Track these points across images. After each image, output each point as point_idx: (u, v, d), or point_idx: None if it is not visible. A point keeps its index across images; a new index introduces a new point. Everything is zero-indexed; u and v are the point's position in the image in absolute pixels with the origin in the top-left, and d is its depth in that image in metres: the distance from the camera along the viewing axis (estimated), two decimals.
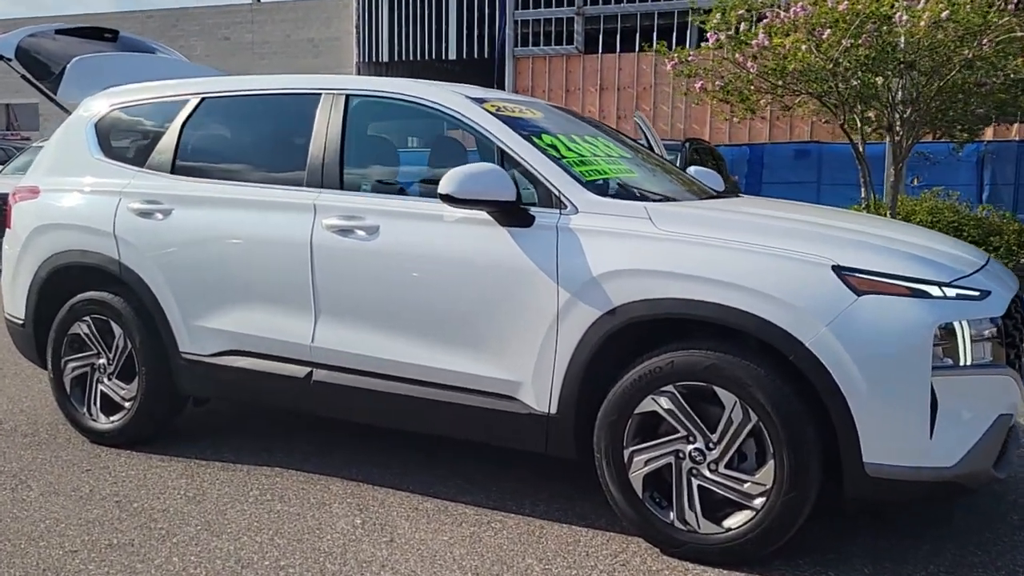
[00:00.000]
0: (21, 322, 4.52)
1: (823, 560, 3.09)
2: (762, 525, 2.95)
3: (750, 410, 2.94)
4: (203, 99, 4.23)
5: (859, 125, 9.33)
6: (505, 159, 3.46)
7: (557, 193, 3.33)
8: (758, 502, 2.96)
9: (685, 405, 3.05)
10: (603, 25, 25.17)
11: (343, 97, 3.86)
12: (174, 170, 4.18)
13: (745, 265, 2.97)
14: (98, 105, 4.54)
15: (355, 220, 3.62)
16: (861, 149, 9.40)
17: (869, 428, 2.80)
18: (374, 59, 24.42)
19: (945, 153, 13.49)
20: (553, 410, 3.27)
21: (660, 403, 3.08)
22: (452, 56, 24.29)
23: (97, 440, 4.32)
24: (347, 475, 3.91)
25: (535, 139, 3.52)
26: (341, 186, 3.76)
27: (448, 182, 3.27)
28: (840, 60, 8.16)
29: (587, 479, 3.44)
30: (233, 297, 3.91)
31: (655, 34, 26.73)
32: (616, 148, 4.08)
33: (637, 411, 3.12)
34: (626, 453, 3.15)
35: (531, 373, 3.29)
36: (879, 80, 8.14)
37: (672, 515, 3.10)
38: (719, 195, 4.09)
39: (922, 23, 7.87)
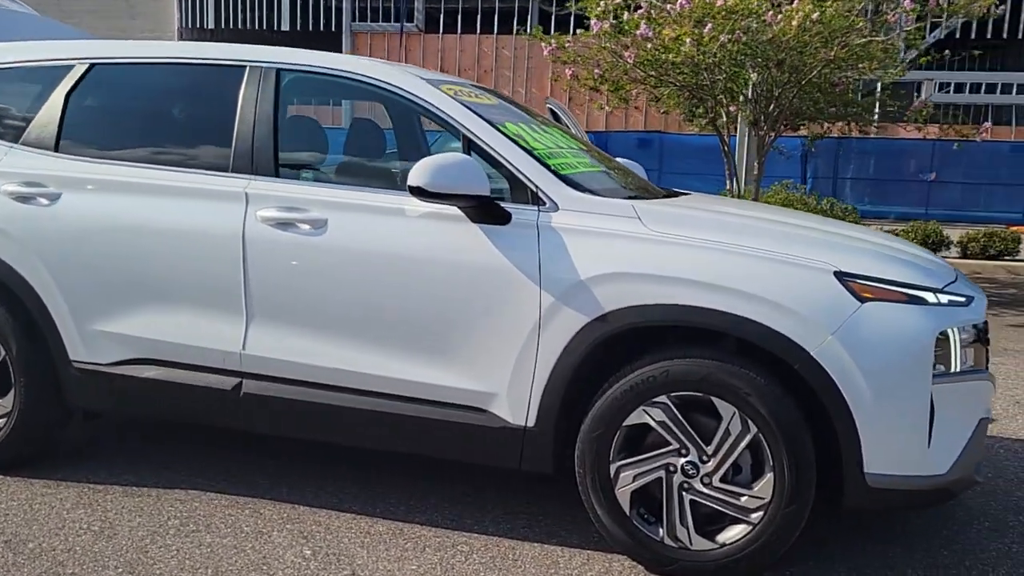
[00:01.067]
0: None
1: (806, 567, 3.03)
2: (760, 539, 2.84)
3: (749, 421, 2.81)
4: (92, 65, 3.63)
5: (724, 119, 9.58)
6: (472, 149, 3.16)
7: (534, 188, 3.07)
8: (755, 516, 2.85)
9: (679, 416, 2.89)
10: (444, 5, 24.87)
11: (273, 71, 3.41)
12: (58, 148, 3.57)
13: (747, 270, 2.83)
14: None
15: (297, 212, 3.21)
16: (727, 141, 9.66)
17: (872, 438, 2.75)
18: (198, 24, 22.90)
19: (793, 148, 14.19)
20: (531, 423, 3.02)
21: (652, 415, 2.90)
22: (285, 27, 23.23)
23: None
24: (276, 496, 3.50)
25: (500, 128, 3.24)
26: (276, 173, 3.33)
27: (420, 174, 2.93)
28: (716, 54, 8.30)
29: (539, 489, 3.24)
30: (140, 298, 3.39)
31: (496, 16, 26.73)
32: (571, 140, 3.85)
33: (626, 423, 2.93)
34: (612, 468, 2.96)
35: (506, 383, 3.02)
36: (754, 76, 8.33)
37: (662, 531, 2.94)
38: (672, 192, 3.95)
39: (794, 23, 8.11)
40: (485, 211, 3.01)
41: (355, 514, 3.36)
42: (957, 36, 17.69)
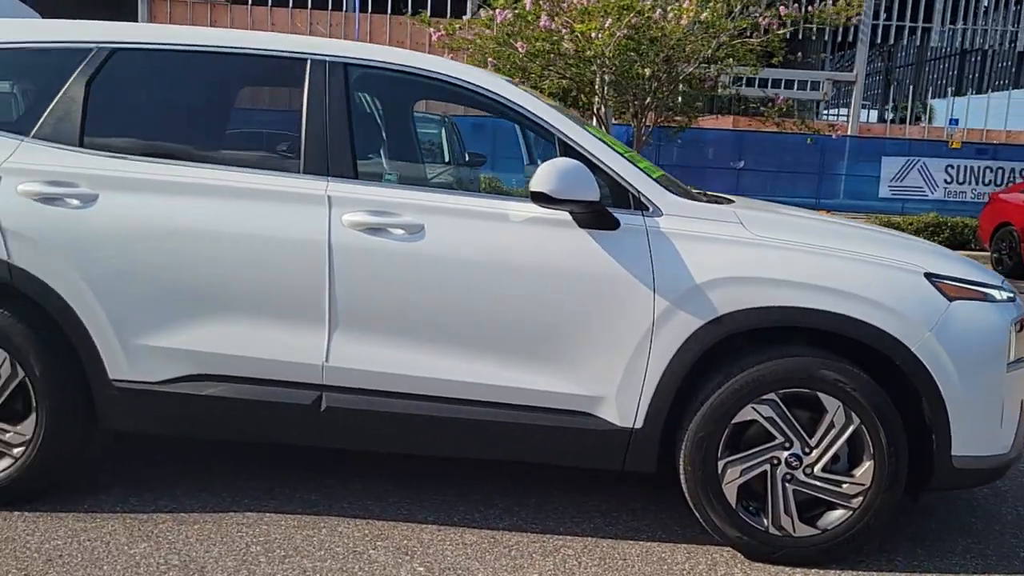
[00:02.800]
0: None
1: None
2: (860, 522, 3.06)
3: (853, 414, 3.01)
4: (115, 50, 3.26)
5: (603, 110, 9.89)
6: (567, 154, 3.13)
7: (636, 194, 3.10)
8: (856, 501, 3.06)
9: (786, 412, 3.04)
10: None
11: (340, 66, 3.21)
12: (84, 143, 3.19)
13: (853, 273, 3.02)
14: None
15: (388, 217, 3.06)
16: (608, 132, 9.99)
17: (959, 424, 3.03)
18: None
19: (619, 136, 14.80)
20: (638, 425, 3.08)
21: (760, 411, 3.04)
22: None
23: None
24: (344, 512, 3.34)
25: (591, 132, 3.24)
26: (356, 175, 3.15)
27: (544, 179, 2.89)
28: (611, 48, 8.55)
29: (600, 488, 3.32)
30: (200, 308, 3.11)
31: None
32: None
33: (734, 421, 3.05)
34: (720, 464, 3.07)
35: (616, 387, 3.06)
36: (647, 71, 8.66)
37: (766, 522, 3.10)
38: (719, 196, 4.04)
39: (683, 21, 8.50)
40: (597, 217, 3.02)
41: (440, 525, 3.28)
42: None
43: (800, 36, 21.12)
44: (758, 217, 3.25)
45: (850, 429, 3.03)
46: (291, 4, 27.84)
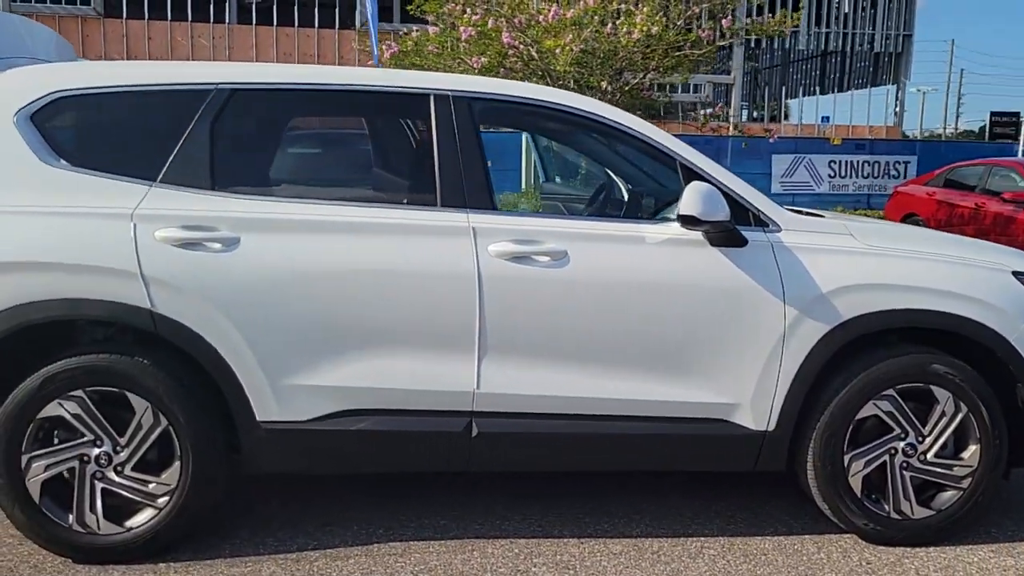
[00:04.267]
0: None
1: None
2: (970, 501, 3.38)
3: (961, 403, 3.33)
4: (235, 91, 3.24)
5: None
6: (687, 176, 3.32)
7: (756, 211, 3.33)
8: (965, 482, 3.38)
9: (903, 405, 3.33)
10: None
11: (464, 101, 3.29)
12: (216, 186, 3.16)
13: (958, 275, 3.34)
14: (22, 88, 3.19)
15: (532, 245, 3.17)
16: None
17: None
18: None
19: None
20: (771, 427, 3.30)
21: (880, 406, 3.32)
22: None
23: (93, 558, 3.13)
24: (483, 534, 3.42)
25: (704, 156, 3.45)
26: (493, 206, 3.25)
27: (693, 203, 3.08)
28: (568, 61, 8.82)
29: (682, 489, 3.53)
30: (348, 345, 3.14)
31: (190, 3, 25.17)
32: None
33: (858, 417, 3.32)
34: (846, 459, 3.33)
35: (751, 393, 3.27)
36: (604, 83, 8.97)
37: (887, 507, 3.38)
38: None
39: (635, 35, 8.87)
40: (728, 236, 3.22)
41: (578, 538, 3.41)
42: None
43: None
44: (864, 228, 3.53)
45: (959, 417, 3.34)
46: (169, 17, 26.91)
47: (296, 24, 27.04)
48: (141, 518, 3.14)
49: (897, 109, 33.97)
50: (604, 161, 4.03)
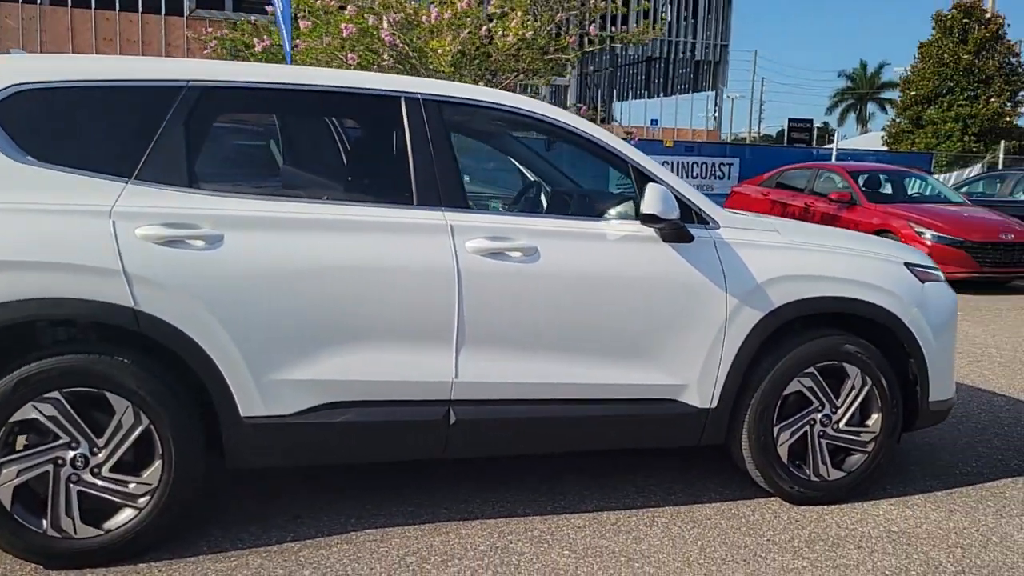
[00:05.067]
0: None
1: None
2: (874, 463, 3.89)
3: (868, 377, 3.83)
4: (208, 89, 3.25)
5: None
6: (637, 178, 3.63)
7: (698, 210, 3.68)
8: (870, 446, 3.88)
9: (822, 381, 3.79)
10: None
11: (434, 104, 3.45)
12: (194, 183, 3.17)
13: (868, 268, 3.84)
14: None
15: (506, 241, 3.38)
16: None
17: (934, 375, 3.95)
18: None
19: None
20: (714, 404, 3.67)
21: (803, 383, 3.77)
22: None
23: (71, 564, 3.07)
24: (450, 516, 3.60)
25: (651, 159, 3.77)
26: (467, 204, 3.43)
27: (654, 203, 3.39)
28: (443, 59, 9.02)
29: (619, 467, 3.91)
30: (331, 339, 3.23)
31: None
32: None
33: (785, 393, 3.75)
34: (775, 430, 3.75)
35: (698, 375, 3.62)
36: (479, 84, 9.21)
37: (809, 471, 3.83)
38: None
39: (511, 38, 9.19)
40: (678, 232, 3.55)
41: (541, 515, 3.65)
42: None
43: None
44: (786, 224, 3.97)
45: (865, 390, 3.84)
46: None
47: (117, 7, 25.55)
48: (120, 519, 3.10)
49: (716, 114, 36.17)
50: (547, 165, 4.29)
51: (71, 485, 3.03)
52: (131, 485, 3.09)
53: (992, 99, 33.35)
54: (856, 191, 12.12)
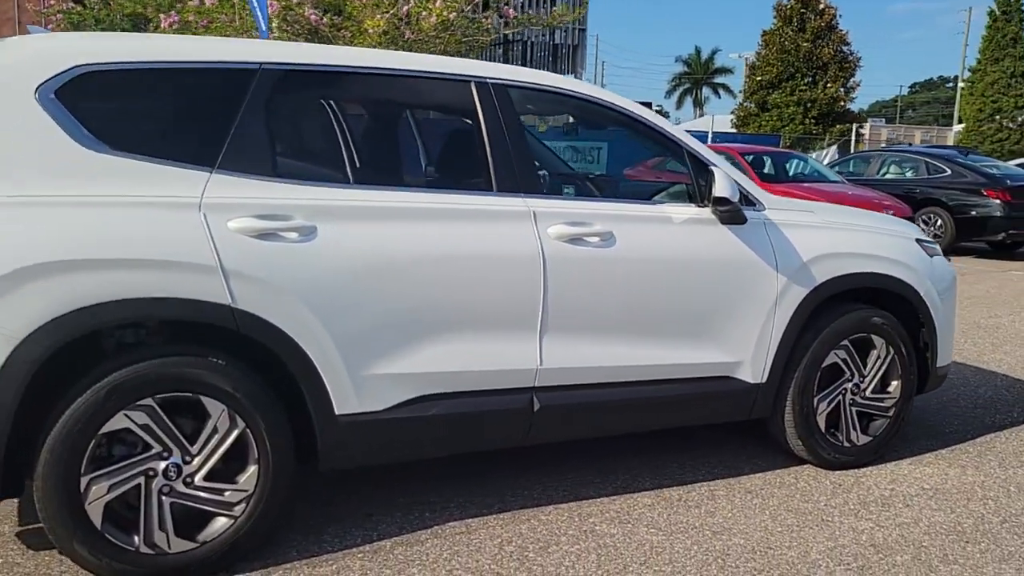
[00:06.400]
0: None
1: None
2: (895, 427, 4.17)
3: (890, 347, 4.09)
4: (280, 72, 3.06)
5: None
6: (693, 163, 3.72)
7: (745, 192, 3.81)
8: (891, 411, 4.15)
9: (854, 352, 4.02)
10: None
11: (503, 88, 3.41)
12: (278, 172, 3.01)
13: (891, 244, 4.08)
14: (38, 60, 2.79)
15: (584, 227, 3.39)
16: None
17: (942, 341, 4.27)
18: None
19: None
20: (763, 380, 3.82)
21: (838, 355, 3.99)
22: None
23: None
24: (549, 500, 3.60)
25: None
26: (544, 190, 3.41)
27: (725, 187, 3.49)
28: (372, 40, 8.83)
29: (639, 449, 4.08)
30: (422, 331, 3.15)
31: None
32: None
33: (824, 365, 3.96)
34: (815, 401, 3.96)
35: (752, 351, 3.76)
36: None
37: (842, 438, 4.06)
38: None
39: (433, 19, 9.10)
40: (735, 215, 3.67)
41: (608, 496, 3.71)
42: None
43: None
44: (818, 205, 4.16)
45: (888, 359, 4.10)
46: None
47: None
48: (215, 529, 2.93)
49: None
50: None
51: (163, 497, 2.83)
52: (226, 493, 2.92)
53: (829, 84, 35.68)
54: (750, 172, 12.72)
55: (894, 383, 4.15)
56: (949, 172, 13.78)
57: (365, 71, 3.23)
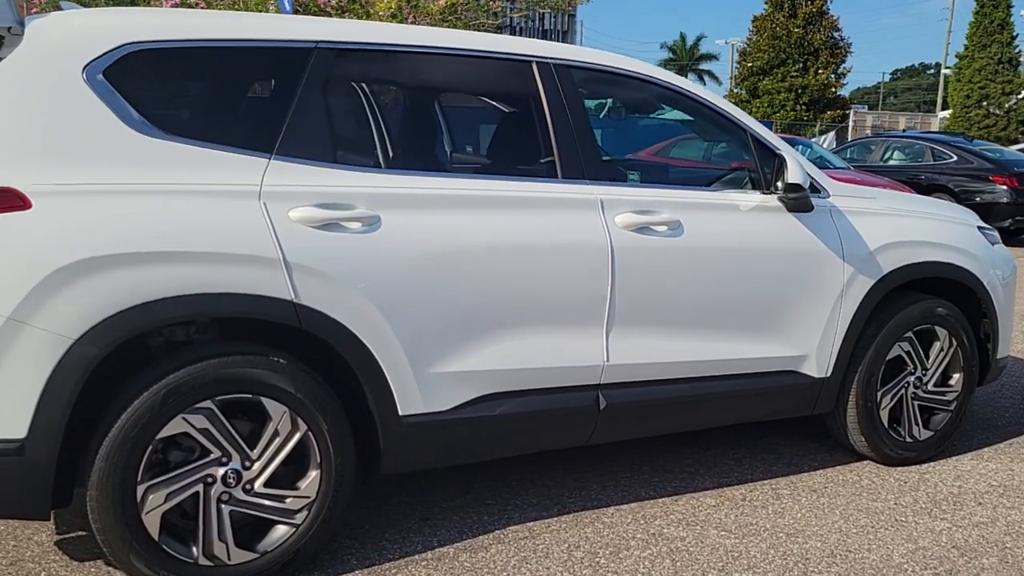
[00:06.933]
0: (16, 444, 2.40)
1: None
2: (956, 421, 4.04)
3: (953, 339, 3.95)
4: (337, 51, 2.87)
5: None
6: (759, 149, 3.56)
7: (811, 179, 3.65)
8: (952, 405, 4.01)
9: (917, 345, 3.88)
10: None
11: (565, 69, 3.23)
12: (338, 158, 2.83)
13: (955, 232, 3.94)
14: (83, 38, 2.59)
15: (651, 215, 3.23)
16: None
17: (1003, 333, 4.13)
18: None
19: None
20: (828, 374, 3.68)
21: (902, 347, 3.85)
22: None
23: None
24: (611, 502, 3.45)
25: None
26: (608, 177, 3.24)
27: (798, 174, 3.34)
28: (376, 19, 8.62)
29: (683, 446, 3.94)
30: (488, 326, 2.98)
31: None
32: None
33: (888, 357, 3.81)
34: (878, 395, 3.82)
35: (817, 344, 3.61)
36: None
37: (904, 432, 3.92)
38: None
39: (442, 1, 8.88)
40: (805, 202, 3.51)
41: (669, 496, 3.56)
42: None
43: None
44: (878, 191, 4.00)
45: (951, 350, 3.96)
46: None
47: None
48: (275, 538, 2.76)
49: None
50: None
51: (222, 505, 2.66)
52: (288, 500, 2.75)
53: (820, 71, 35.58)
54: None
55: (956, 376, 4.01)
56: (955, 158, 13.68)
57: (423, 50, 3.04)
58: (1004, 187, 12.96)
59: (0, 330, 2.33)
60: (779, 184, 3.40)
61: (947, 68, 43.46)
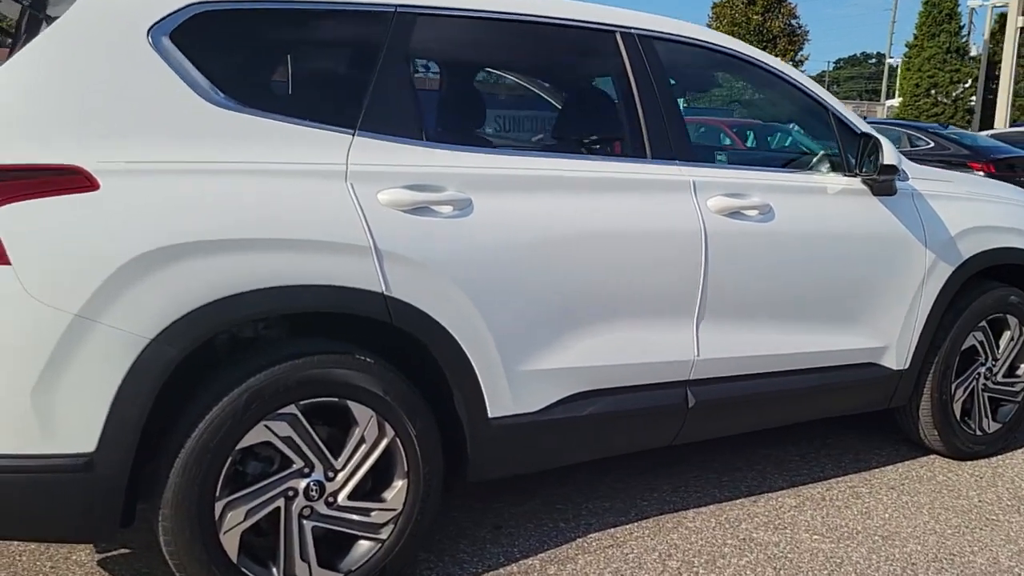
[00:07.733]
0: (85, 459, 2.10)
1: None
2: (1022, 413, 3.90)
3: (1022, 328, 3.81)
4: (417, 16, 2.59)
5: None
6: (841, 129, 3.36)
7: None
8: (1020, 395, 3.88)
9: (991, 334, 3.73)
10: None
11: (651, 41, 2.99)
12: (425, 135, 2.55)
13: None
14: None
15: (743, 199, 3.01)
16: None
17: None
18: None
19: None
20: (906, 366, 3.51)
21: (976, 337, 3.69)
22: None
23: None
24: (660, 510, 3.24)
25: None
26: (696, 157, 3.01)
27: (893, 155, 3.15)
28: None
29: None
30: (584, 319, 2.74)
31: None
32: None
33: (963, 348, 3.66)
34: (952, 388, 3.67)
35: (897, 335, 3.44)
36: None
37: (974, 425, 3.78)
38: None
39: None
40: (890, 185, 3.32)
41: (736, 500, 3.37)
42: None
43: None
44: (956, 175, 3.84)
45: (1021, 340, 3.82)
46: None
47: None
48: (359, 555, 2.50)
49: None
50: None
51: (304, 521, 2.39)
52: (373, 513, 2.48)
53: (779, 58, 35.78)
54: (738, 144, 12.49)
55: (1023, 366, 3.88)
56: (931, 144, 13.72)
57: (507, 16, 2.76)
58: (981, 173, 13.02)
59: (67, 329, 2.01)
60: (869, 166, 3.19)
61: (891, 58, 44.00)
